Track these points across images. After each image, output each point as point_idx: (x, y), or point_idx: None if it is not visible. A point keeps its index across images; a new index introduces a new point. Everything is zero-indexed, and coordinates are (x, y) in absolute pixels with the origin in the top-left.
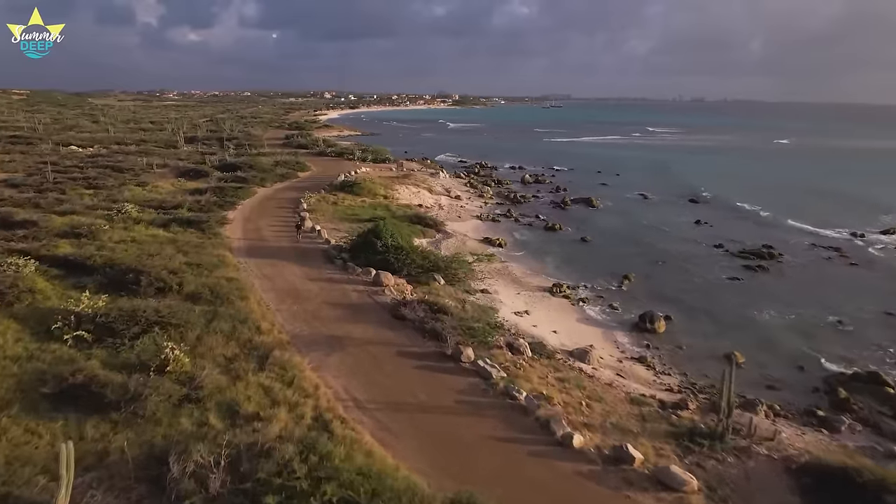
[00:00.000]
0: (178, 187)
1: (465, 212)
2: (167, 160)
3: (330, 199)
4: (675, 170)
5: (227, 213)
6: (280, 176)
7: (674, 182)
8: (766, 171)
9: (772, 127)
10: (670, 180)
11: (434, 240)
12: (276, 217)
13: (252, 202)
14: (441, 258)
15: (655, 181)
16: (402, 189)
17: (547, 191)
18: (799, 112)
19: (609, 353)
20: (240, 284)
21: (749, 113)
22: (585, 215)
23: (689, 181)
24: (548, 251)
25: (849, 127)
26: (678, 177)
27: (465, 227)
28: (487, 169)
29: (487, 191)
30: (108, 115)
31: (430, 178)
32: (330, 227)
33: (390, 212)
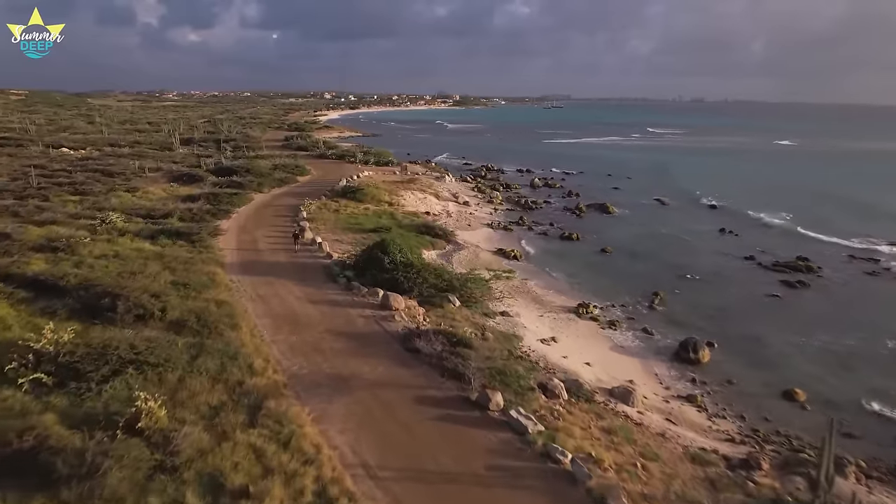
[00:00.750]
0: (170, 193)
1: (475, 219)
2: (161, 163)
3: (331, 206)
4: (685, 172)
5: (220, 223)
6: (278, 181)
7: (687, 186)
8: (779, 175)
9: (776, 128)
10: (682, 184)
11: (444, 252)
12: (273, 227)
13: (248, 210)
14: (455, 276)
15: (668, 185)
16: (407, 195)
17: (558, 195)
18: (801, 113)
19: (652, 389)
20: (231, 309)
21: (751, 113)
22: (602, 223)
23: (702, 185)
24: (567, 264)
25: (854, 128)
26: (690, 180)
27: (477, 237)
28: (494, 172)
29: (497, 196)
30: (104, 116)
31: (435, 182)
32: (331, 238)
33: (396, 220)
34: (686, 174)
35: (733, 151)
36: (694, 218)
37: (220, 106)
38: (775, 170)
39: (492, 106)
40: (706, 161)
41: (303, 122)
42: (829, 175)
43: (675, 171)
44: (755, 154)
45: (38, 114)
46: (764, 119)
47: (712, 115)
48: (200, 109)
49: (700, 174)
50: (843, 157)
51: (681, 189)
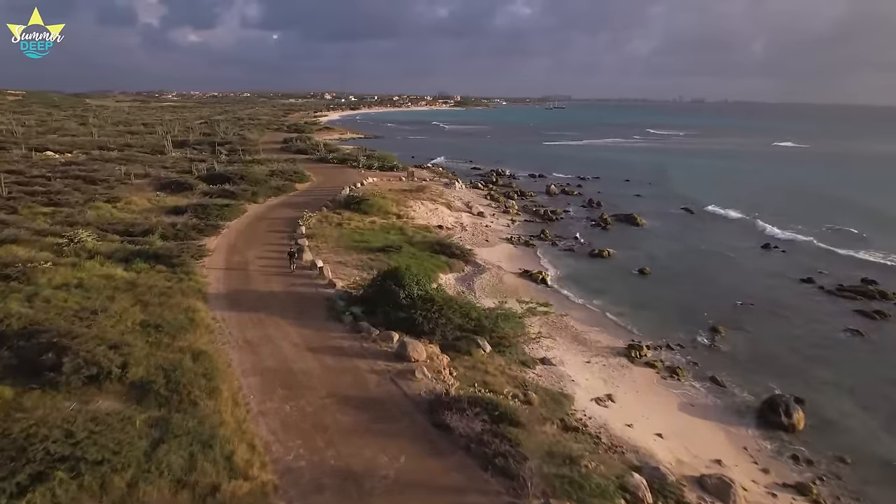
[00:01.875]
0: (155, 204)
1: (493, 233)
2: (150, 168)
3: (333, 219)
4: (704, 177)
5: (207, 241)
6: (275, 189)
7: (710, 193)
8: (801, 180)
9: (782, 129)
10: (705, 190)
11: (464, 275)
12: (267, 245)
13: (240, 224)
14: (484, 313)
15: (690, 191)
16: (417, 205)
17: (578, 204)
18: (804, 113)
19: (748, 474)
20: (210, 363)
21: (752, 114)
22: (632, 237)
23: (725, 192)
24: (603, 288)
25: (860, 129)
26: (711, 186)
27: (497, 255)
28: (506, 177)
29: (512, 206)
30: (99, 117)
31: (444, 189)
32: (334, 259)
33: (406, 236)
34: (705, 179)
35: (744, 154)
36: (729, 231)
37: (219, 107)
38: (796, 175)
39: (493, 107)
40: (722, 165)
41: (302, 124)
42: (853, 181)
43: (693, 176)
44: (768, 157)
45: (31, 114)
46: (766, 120)
47: (714, 116)
48: (199, 110)
49: (719, 179)
50: (859, 162)
51: (705, 196)
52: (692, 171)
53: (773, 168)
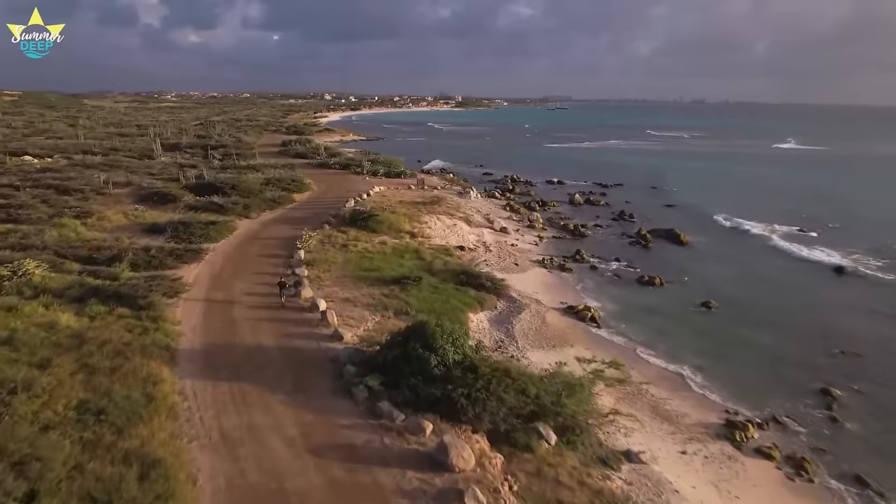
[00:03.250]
0: (131, 220)
1: (521, 254)
2: (133, 176)
3: (337, 239)
4: (730, 185)
5: (187, 269)
6: (270, 201)
7: (744, 203)
8: (835, 187)
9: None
10: (738, 200)
11: (498, 314)
12: (258, 276)
13: (228, 246)
14: (543, 386)
15: (722, 201)
16: (432, 221)
17: (607, 216)
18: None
19: None
20: (165, 483)
21: (755, 115)
22: (679, 258)
23: (759, 201)
24: (666, 329)
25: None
26: (743, 195)
27: (531, 283)
28: (522, 184)
29: (536, 218)
30: (92, 119)
31: (461, 200)
32: (340, 295)
33: (424, 262)
34: (732, 187)
35: (758, 157)
36: (783, 250)
37: (218, 107)
38: (829, 180)
39: (495, 107)
40: (742, 170)
41: (302, 125)
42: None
43: (718, 183)
44: (784, 161)
45: (22, 115)
46: (770, 121)
47: (717, 117)
48: (196, 111)
49: (747, 187)
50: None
51: (741, 207)
52: (715, 176)
53: (795, 173)
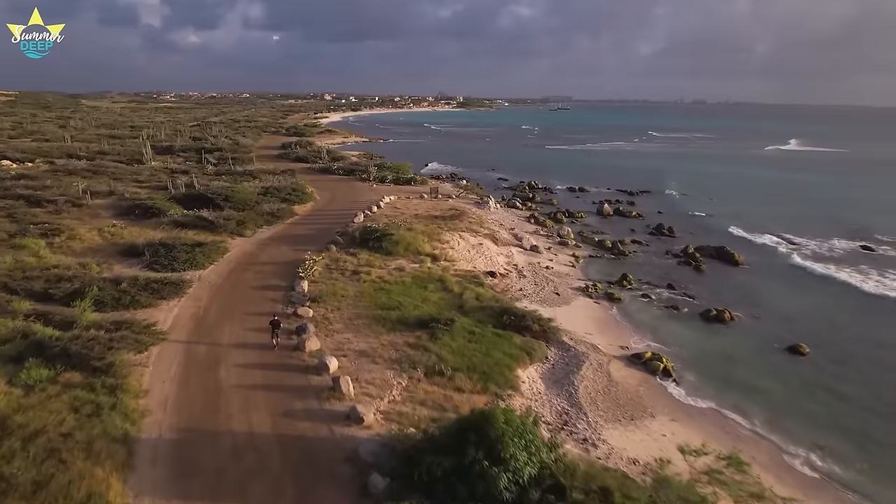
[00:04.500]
0: (107, 239)
1: (559, 279)
2: (118, 183)
3: (346, 264)
4: (763, 189)
5: (165, 308)
6: (268, 215)
7: (787, 210)
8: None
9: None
10: (777, 208)
11: (551, 367)
12: (252, 316)
13: (217, 274)
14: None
15: (762, 210)
16: (455, 240)
17: (643, 230)
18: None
19: None
20: None
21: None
22: (739, 284)
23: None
24: (759, 387)
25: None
26: (782, 205)
27: (580, 320)
28: (541, 191)
29: (567, 233)
30: (86, 119)
31: (478, 209)
32: (353, 347)
33: (452, 294)
34: (766, 193)
35: (782, 160)
36: (862, 273)
37: (217, 108)
38: (865, 186)
39: (496, 108)
40: (769, 176)
41: (302, 126)
42: None
43: (750, 189)
44: (812, 165)
45: (13, 116)
46: (776, 122)
47: (721, 118)
48: (194, 111)
49: (784, 193)
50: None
51: (788, 218)
52: (745, 183)
53: (825, 179)
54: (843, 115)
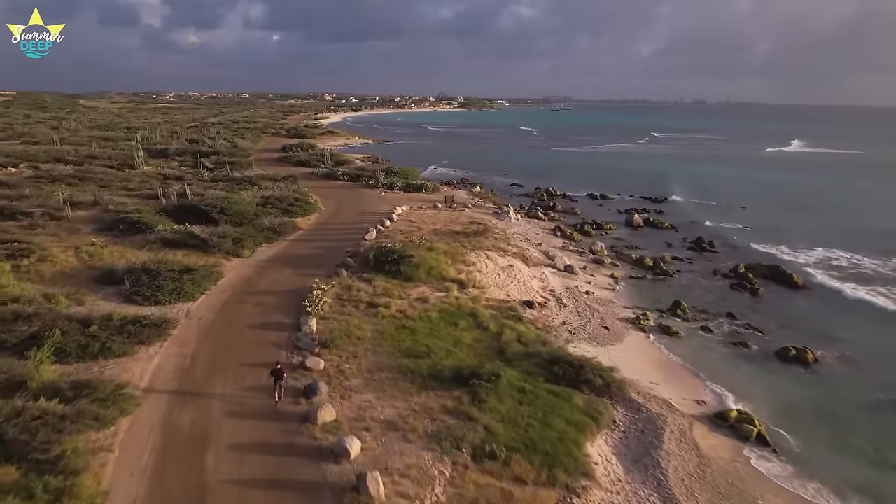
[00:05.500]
0: (83, 261)
1: (602, 307)
2: (105, 192)
3: (360, 293)
4: (795, 196)
5: (142, 356)
6: (269, 230)
7: (829, 221)
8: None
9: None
10: (817, 217)
11: (623, 437)
12: (250, 369)
13: (209, 308)
14: None
15: (802, 220)
16: (481, 260)
17: (680, 244)
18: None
19: None
20: None
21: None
22: (808, 313)
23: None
24: (876, 457)
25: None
26: (819, 210)
27: (639, 363)
28: (560, 198)
29: (600, 249)
30: (81, 120)
31: (496, 220)
32: (378, 412)
33: (487, 331)
34: (799, 200)
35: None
36: None
37: (216, 108)
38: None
39: (497, 108)
40: (796, 180)
41: (303, 127)
42: None
43: (781, 196)
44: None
45: (6, 117)
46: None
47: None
48: (193, 112)
49: (817, 201)
50: None
51: (833, 230)
52: (770, 189)
53: (851, 184)
54: (844, 115)
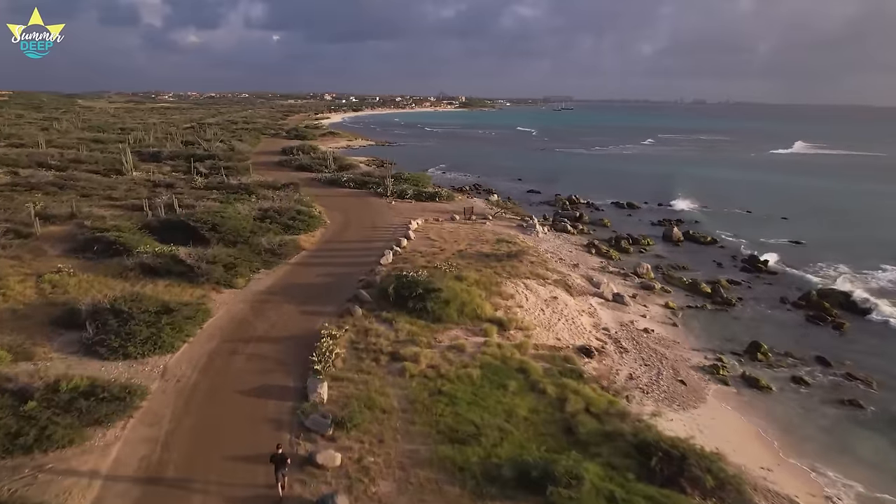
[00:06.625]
0: (44, 294)
1: (668, 349)
2: (84, 202)
3: (380, 341)
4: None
5: (97, 446)
6: (268, 252)
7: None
8: None
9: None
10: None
11: None
12: (243, 458)
13: (190, 364)
14: None
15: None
16: (519, 293)
17: (730, 263)
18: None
19: None
20: None
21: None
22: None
23: None
24: None
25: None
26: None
27: (738, 439)
28: (584, 207)
29: (646, 270)
30: (73, 121)
31: (522, 234)
32: None
33: (545, 396)
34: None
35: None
36: None
37: (215, 108)
38: None
39: (499, 108)
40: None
41: (303, 128)
42: None
43: (821, 205)
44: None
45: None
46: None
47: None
48: (191, 112)
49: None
50: None
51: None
52: (802, 196)
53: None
54: (844, 114)
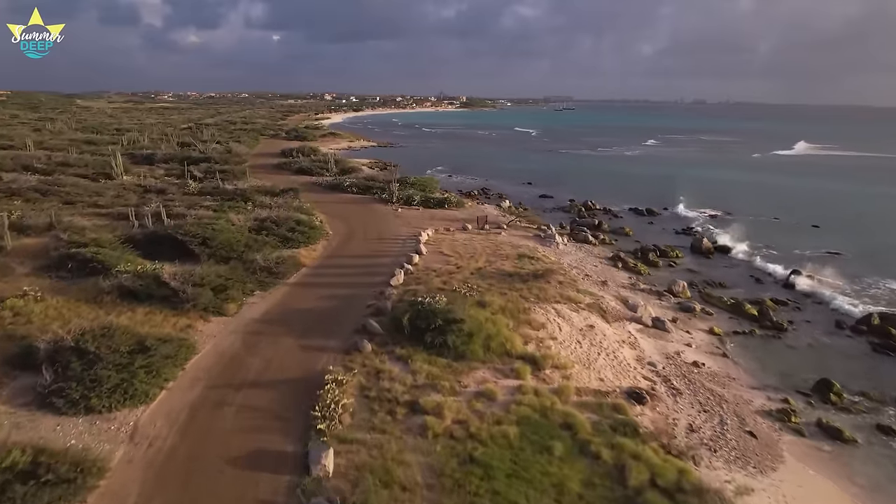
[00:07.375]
0: (2, 324)
1: (726, 389)
2: (66, 211)
3: (395, 385)
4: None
5: None
6: (264, 272)
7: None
8: None
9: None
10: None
11: None
12: None
13: (169, 419)
14: None
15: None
16: (551, 321)
17: (769, 278)
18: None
19: None
20: None
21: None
22: None
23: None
24: None
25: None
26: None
27: None
28: (602, 213)
29: (682, 289)
30: (68, 122)
31: (540, 246)
32: None
33: (599, 462)
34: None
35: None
36: None
37: (214, 108)
38: None
39: (499, 108)
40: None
41: (303, 128)
42: None
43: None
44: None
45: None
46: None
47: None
48: (190, 112)
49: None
50: None
51: None
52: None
53: None
54: (843, 114)
